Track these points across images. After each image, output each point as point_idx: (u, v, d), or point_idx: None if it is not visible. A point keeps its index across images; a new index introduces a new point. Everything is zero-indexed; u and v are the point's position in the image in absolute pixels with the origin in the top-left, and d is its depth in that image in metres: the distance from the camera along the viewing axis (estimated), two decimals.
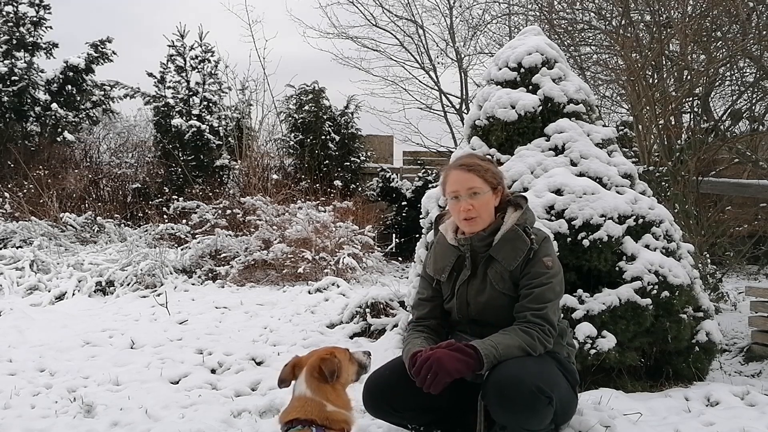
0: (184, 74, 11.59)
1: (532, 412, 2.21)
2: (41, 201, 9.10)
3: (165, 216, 9.17)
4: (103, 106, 12.56)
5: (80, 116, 12.16)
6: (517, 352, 2.26)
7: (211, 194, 9.40)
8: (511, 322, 2.38)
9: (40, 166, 10.02)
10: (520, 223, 2.46)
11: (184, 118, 11.08)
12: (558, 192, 3.44)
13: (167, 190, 10.29)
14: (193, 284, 6.84)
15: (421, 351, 2.28)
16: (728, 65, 6.46)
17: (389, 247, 9.38)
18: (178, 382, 3.64)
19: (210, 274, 7.13)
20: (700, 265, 5.00)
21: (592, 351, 3.18)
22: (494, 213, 2.51)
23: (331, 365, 2.11)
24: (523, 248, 2.40)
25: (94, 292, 6.43)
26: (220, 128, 11.16)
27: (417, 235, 4.14)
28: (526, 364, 2.24)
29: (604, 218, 3.39)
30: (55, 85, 11.93)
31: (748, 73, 6.82)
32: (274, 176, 10.13)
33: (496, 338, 2.29)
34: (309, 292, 6.33)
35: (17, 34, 11.75)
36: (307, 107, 11.16)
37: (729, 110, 6.67)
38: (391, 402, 2.47)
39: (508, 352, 2.25)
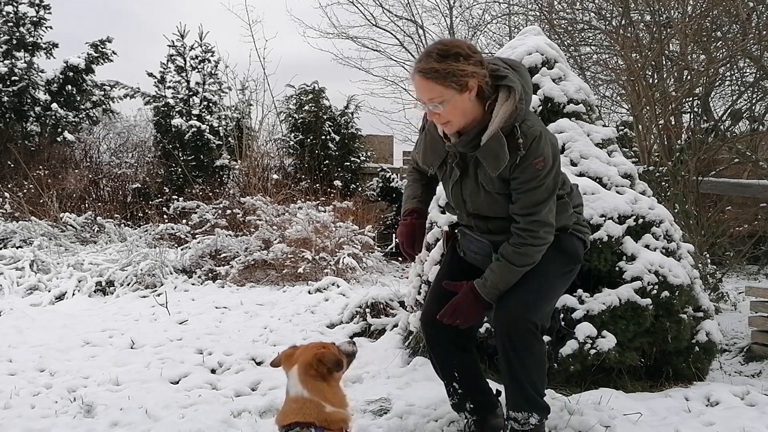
0: (184, 74, 11.58)
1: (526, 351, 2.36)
2: (41, 201, 9.10)
3: (165, 216, 9.16)
4: (103, 106, 12.55)
5: (80, 116, 12.15)
6: (515, 277, 2.34)
7: (211, 194, 9.40)
8: (508, 214, 2.35)
9: (40, 166, 10.01)
10: (508, 124, 2.23)
11: (184, 118, 11.08)
12: None
13: (167, 190, 10.29)
14: (193, 284, 6.84)
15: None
16: (728, 65, 6.47)
17: (389, 247, 9.37)
18: (178, 382, 3.63)
19: (210, 274, 7.13)
20: (700, 265, 5.00)
21: (592, 351, 3.18)
22: (477, 105, 2.25)
23: (332, 357, 2.10)
24: (504, 158, 2.23)
25: (94, 292, 6.43)
26: (220, 128, 11.15)
27: None
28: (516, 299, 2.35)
29: (604, 218, 3.40)
30: (55, 85, 11.92)
31: (748, 73, 6.83)
32: (274, 176, 10.12)
33: (495, 277, 2.34)
34: (309, 292, 6.33)
35: (17, 34, 11.73)
36: (307, 107, 11.16)
37: (729, 110, 6.68)
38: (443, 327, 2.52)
39: (510, 284, 2.34)
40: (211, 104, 11.53)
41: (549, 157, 2.26)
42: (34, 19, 11.94)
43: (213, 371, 3.88)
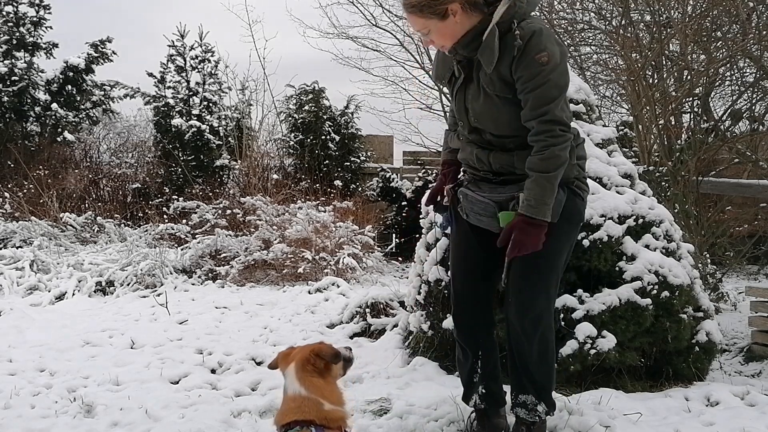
0: (184, 74, 11.57)
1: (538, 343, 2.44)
2: (41, 201, 9.10)
3: (165, 216, 9.16)
4: (103, 106, 12.54)
5: (80, 116, 12.14)
6: (554, 183, 2.25)
7: (211, 194, 9.40)
8: (509, 129, 2.34)
9: (40, 166, 10.01)
10: (505, 20, 2.23)
11: (184, 118, 11.07)
12: None
13: (167, 190, 10.29)
14: (193, 284, 6.84)
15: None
16: (728, 65, 6.47)
17: (389, 247, 9.37)
18: (178, 382, 3.63)
19: (210, 274, 7.13)
20: (700, 265, 5.00)
21: (592, 351, 3.18)
22: (471, 18, 2.27)
23: (329, 349, 2.11)
24: (496, 50, 2.23)
25: (94, 292, 6.43)
26: (220, 128, 11.15)
27: (417, 235, 4.14)
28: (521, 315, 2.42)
29: (604, 218, 3.40)
30: (55, 85, 11.91)
31: (748, 73, 6.83)
32: (274, 176, 10.12)
33: (536, 192, 2.24)
34: (309, 292, 6.33)
35: (17, 34, 11.73)
36: (307, 107, 11.16)
37: (729, 110, 6.68)
38: (470, 309, 2.60)
39: (554, 192, 2.26)
40: (211, 104, 11.53)
41: (554, 54, 2.21)
42: (34, 19, 11.94)
43: (213, 371, 3.88)
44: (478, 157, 2.46)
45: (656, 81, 6.62)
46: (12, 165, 10.40)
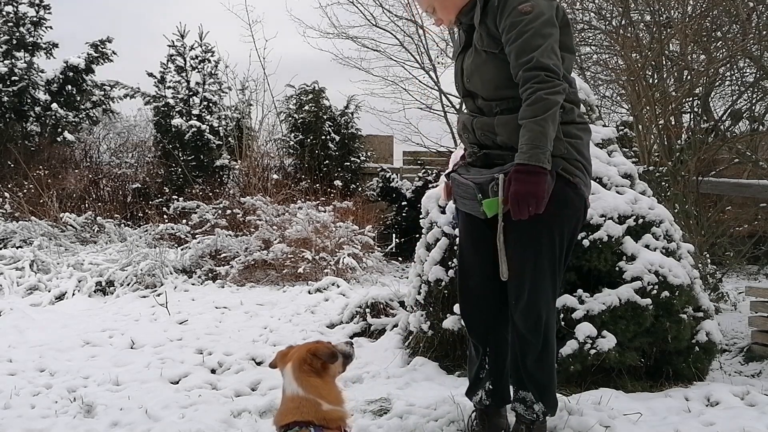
0: (184, 74, 11.58)
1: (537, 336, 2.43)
2: (41, 201, 9.10)
3: (165, 216, 9.16)
4: (103, 106, 12.56)
5: (80, 116, 12.16)
6: (545, 127, 2.16)
7: (211, 194, 9.40)
8: (495, 89, 2.36)
9: (40, 166, 10.02)
10: None
11: (184, 118, 11.08)
12: None
13: (167, 190, 10.29)
14: (193, 284, 6.84)
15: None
16: (728, 65, 6.46)
17: (389, 247, 9.37)
18: (178, 382, 3.63)
19: (210, 274, 7.13)
20: (700, 265, 5.00)
21: (592, 351, 3.18)
22: None
23: (325, 349, 2.10)
24: (478, 2, 2.35)
25: (94, 292, 6.43)
26: (220, 128, 11.15)
27: (417, 235, 4.15)
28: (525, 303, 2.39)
29: (604, 218, 3.40)
30: (55, 85, 11.93)
31: (748, 73, 6.81)
32: (274, 176, 10.13)
33: (528, 137, 2.17)
34: (309, 292, 6.33)
35: (17, 34, 11.75)
36: (307, 107, 11.16)
37: (729, 110, 6.68)
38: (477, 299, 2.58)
39: (546, 135, 2.16)
40: (211, 104, 11.53)
41: (539, 5, 2.24)
42: (34, 19, 11.96)
43: (213, 371, 3.89)
44: (464, 125, 2.51)
45: (656, 81, 6.61)
46: (12, 165, 10.41)
